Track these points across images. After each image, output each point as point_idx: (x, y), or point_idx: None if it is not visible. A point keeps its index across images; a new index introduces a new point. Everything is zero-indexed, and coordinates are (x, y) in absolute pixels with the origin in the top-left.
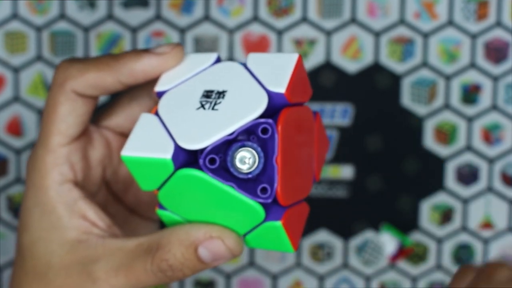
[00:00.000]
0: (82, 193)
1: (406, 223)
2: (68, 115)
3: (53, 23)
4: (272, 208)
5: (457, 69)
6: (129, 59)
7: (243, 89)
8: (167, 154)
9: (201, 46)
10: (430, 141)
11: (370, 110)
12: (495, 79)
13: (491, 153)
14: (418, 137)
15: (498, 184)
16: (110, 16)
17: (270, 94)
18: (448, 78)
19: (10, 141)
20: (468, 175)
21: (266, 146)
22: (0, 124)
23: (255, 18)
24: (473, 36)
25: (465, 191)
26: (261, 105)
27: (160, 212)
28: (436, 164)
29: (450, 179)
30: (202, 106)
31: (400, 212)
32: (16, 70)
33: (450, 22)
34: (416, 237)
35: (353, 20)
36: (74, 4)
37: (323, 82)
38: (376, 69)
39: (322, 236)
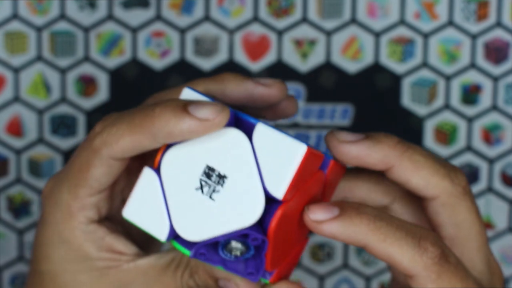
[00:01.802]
0: (108, 229)
1: None
2: (102, 176)
3: (53, 23)
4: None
5: (457, 69)
6: (166, 121)
7: (243, 183)
8: (162, 235)
9: (201, 46)
10: (430, 141)
11: (370, 110)
12: (495, 79)
13: (491, 153)
14: (418, 137)
15: (498, 184)
16: (110, 16)
17: (267, 193)
18: (448, 78)
19: (10, 141)
20: (468, 175)
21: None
22: (0, 124)
23: (255, 18)
24: (473, 36)
25: None
26: (255, 215)
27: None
28: None
29: None
30: (201, 187)
31: None
32: (16, 70)
33: (450, 22)
34: None
35: (353, 21)
36: (74, 4)
37: (323, 82)
38: (376, 69)
39: (318, 240)
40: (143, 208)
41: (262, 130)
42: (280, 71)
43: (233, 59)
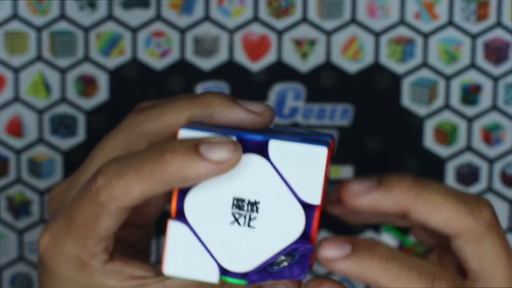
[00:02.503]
0: (122, 260)
1: None
2: (111, 226)
3: (53, 23)
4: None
5: (457, 69)
6: (180, 167)
7: (277, 201)
8: (214, 277)
9: (201, 46)
10: (430, 141)
11: (370, 110)
12: (495, 79)
13: (491, 153)
14: (418, 137)
15: (498, 184)
16: (110, 16)
17: (302, 202)
18: (448, 78)
19: (10, 141)
20: (468, 175)
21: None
22: (0, 124)
23: (255, 18)
24: (473, 36)
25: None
26: (299, 227)
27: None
28: (436, 164)
29: (450, 179)
30: (236, 220)
31: None
32: (16, 70)
33: (450, 22)
34: None
35: (353, 21)
36: (74, 4)
37: (323, 82)
38: (376, 69)
39: (322, 236)
40: (183, 259)
41: (277, 145)
42: (280, 71)
43: (233, 59)
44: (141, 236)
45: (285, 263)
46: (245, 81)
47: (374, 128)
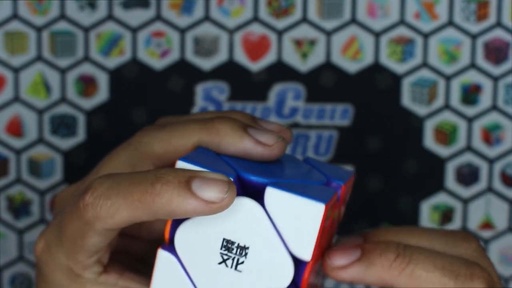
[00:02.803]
0: (117, 273)
1: (406, 223)
2: (99, 243)
3: (53, 23)
4: None
5: (457, 69)
6: (169, 200)
7: (267, 249)
8: None
9: (201, 46)
10: (430, 141)
11: (370, 110)
12: (495, 79)
13: (491, 153)
14: (418, 137)
15: (498, 184)
16: (110, 16)
17: (293, 255)
18: (448, 78)
19: (10, 141)
20: (468, 175)
21: None
22: (0, 124)
23: (255, 18)
24: (473, 36)
25: (465, 192)
26: (287, 278)
27: None
28: (436, 164)
29: (450, 180)
30: (224, 261)
31: (400, 212)
32: (16, 70)
33: (450, 22)
34: None
35: (353, 21)
36: (74, 4)
37: (323, 82)
38: (376, 69)
39: None
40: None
41: (273, 194)
42: (280, 71)
43: (233, 59)
44: (149, 249)
45: None
46: (245, 81)
47: (374, 128)
